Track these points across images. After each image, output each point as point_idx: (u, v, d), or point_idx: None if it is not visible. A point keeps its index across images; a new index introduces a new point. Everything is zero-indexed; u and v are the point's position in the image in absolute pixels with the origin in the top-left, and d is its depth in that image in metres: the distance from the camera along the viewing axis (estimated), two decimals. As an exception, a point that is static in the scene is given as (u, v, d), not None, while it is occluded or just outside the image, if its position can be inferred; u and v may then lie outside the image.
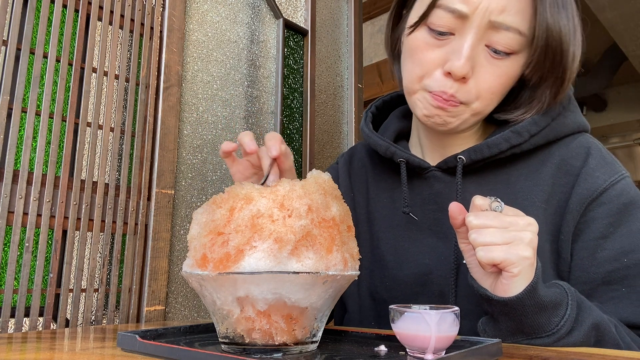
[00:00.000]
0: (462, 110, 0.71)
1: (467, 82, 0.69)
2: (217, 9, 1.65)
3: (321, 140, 1.99)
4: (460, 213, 0.62)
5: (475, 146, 0.75)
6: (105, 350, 0.59)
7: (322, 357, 0.52)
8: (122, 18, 1.37)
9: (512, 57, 0.70)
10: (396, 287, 0.81)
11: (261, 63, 1.78)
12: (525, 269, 0.58)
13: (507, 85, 0.72)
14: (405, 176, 0.80)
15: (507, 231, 0.58)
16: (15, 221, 1.12)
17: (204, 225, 0.54)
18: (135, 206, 1.33)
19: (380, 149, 0.83)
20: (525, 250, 0.57)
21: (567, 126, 0.76)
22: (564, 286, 0.64)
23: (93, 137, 1.27)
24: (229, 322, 0.53)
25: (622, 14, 3.69)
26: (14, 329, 1.11)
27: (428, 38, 0.71)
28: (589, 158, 0.73)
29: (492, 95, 0.71)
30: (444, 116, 0.72)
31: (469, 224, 0.60)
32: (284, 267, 0.50)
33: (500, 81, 0.70)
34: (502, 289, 0.60)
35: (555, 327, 0.60)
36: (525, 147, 0.74)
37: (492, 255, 0.57)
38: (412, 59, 0.74)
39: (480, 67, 0.69)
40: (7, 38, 1.15)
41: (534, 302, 0.59)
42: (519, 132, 0.73)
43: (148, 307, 1.31)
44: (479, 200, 0.62)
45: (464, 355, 0.48)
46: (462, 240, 0.65)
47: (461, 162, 0.75)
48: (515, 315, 0.60)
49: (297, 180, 0.56)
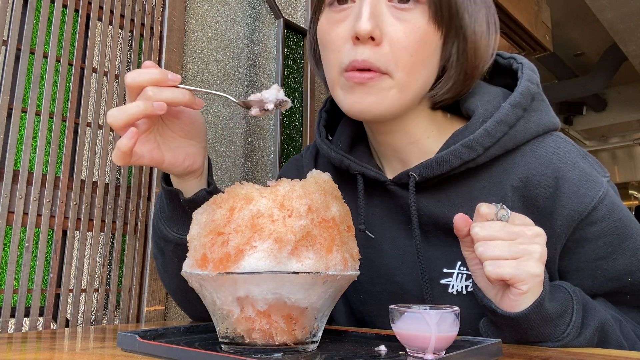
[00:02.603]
0: (386, 85, 0.65)
1: (379, 45, 0.64)
2: (217, 9, 1.65)
3: (321, 140, 1.99)
4: (465, 225, 0.60)
5: (425, 162, 0.69)
6: (105, 350, 0.59)
7: (322, 357, 0.52)
8: (122, 18, 1.37)
9: (416, 6, 0.65)
10: (370, 301, 0.78)
11: (261, 63, 1.78)
12: (535, 285, 0.56)
13: (424, 44, 0.65)
14: (362, 190, 0.75)
15: (516, 244, 0.56)
16: (15, 221, 1.12)
17: (204, 225, 0.54)
18: (135, 206, 1.33)
19: (334, 161, 0.77)
20: (536, 266, 0.56)
21: (529, 131, 0.69)
22: (568, 290, 0.62)
23: (93, 137, 1.27)
24: (229, 322, 0.53)
25: (622, 14, 3.69)
26: (14, 329, 1.11)
27: (331, 16, 0.68)
28: (566, 170, 0.66)
29: (412, 58, 0.64)
30: (367, 97, 0.65)
31: (475, 235, 0.58)
32: (284, 267, 0.50)
33: (414, 37, 0.64)
34: (509, 304, 0.58)
35: (561, 334, 0.59)
36: (480, 160, 0.68)
37: (501, 271, 0.55)
38: (324, 45, 0.70)
39: (389, 26, 0.64)
40: (7, 38, 1.15)
41: (540, 316, 0.58)
42: (471, 146, 0.66)
43: (148, 307, 1.31)
44: (485, 208, 0.59)
45: (464, 355, 0.48)
46: (466, 249, 0.62)
47: (413, 179, 0.70)
48: (520, 328, 0.59)
49: (297, 180, 0.56)
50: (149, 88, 0.59)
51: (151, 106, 0.58)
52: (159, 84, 0.59)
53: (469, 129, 0.69)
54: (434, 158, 0.68)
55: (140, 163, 0.64)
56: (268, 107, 0.62)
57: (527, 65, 0.73)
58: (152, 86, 0.59)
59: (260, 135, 1.73)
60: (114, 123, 0.58)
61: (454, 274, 0.70)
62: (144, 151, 0.63)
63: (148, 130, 0.64)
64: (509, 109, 0.67)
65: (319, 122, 0.84)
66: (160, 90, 0.59)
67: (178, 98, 0.60)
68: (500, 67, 0.78)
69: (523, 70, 0.72)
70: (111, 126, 0.58)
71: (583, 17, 4.51)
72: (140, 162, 0.63)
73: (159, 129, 0.66)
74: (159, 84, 0.59)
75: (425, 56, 0.66)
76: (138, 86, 0.59)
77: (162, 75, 0.59)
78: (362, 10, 0.63)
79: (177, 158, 0.67)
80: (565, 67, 5.62)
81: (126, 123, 0.58)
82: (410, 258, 0.74)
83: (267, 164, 1.74)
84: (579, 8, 4.24)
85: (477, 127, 0.68)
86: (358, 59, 0.64)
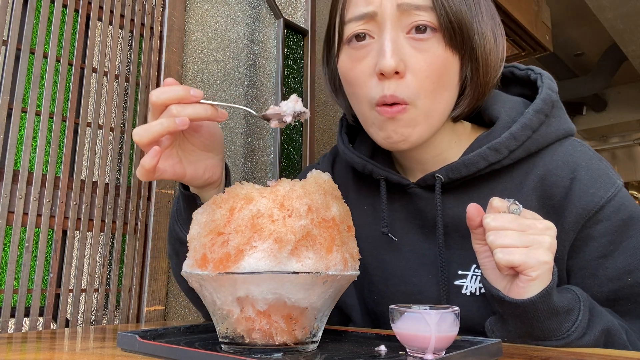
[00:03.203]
0: (413, 115, 0.68)
1: (403, 77, 0.67)
2: (217, 9, 1.65)
3: (321, 140, 1.99)
4: (477, 215, 0.62)
5: (453, 165, 0.72)
6: (105, 350, 0.59)
7: (322, 357, 0.52)
8: (122, 18, 1.37)
9: (434, 35, 0.67)
10: (384, 301, 0.79)
11: (261, 63, 1.78)
12: (544, 273, 0.58)
13: (444, 71, 0.68)
14: (384, 194, 0.78)
15: (526, 234, 0.58)
16: (15, 221, 1.12)
17: (204, 225, 0.54)
18: (135, 206, 1.33)
19: (357, 166, 0.80)
20: (545, 254, 0.57)
21: (549, 135, 0.72)
22: (576, 292, 0.63)
23: (93, 137, 1.27)
24: (229, 322, 0.53)
25: (622, 14, 3.69)
26: (14, 329, 1.11)
27: (352, 53, 0.71)
28: (580, 171, 0.70)
29: (434, 85, 0.68)
30: (399, 129, 0.69)
31: (487, 225, 0.59)
32: (284, 267, 0.50)
33: (435, 66, 0.67)
34: (517, 291, 0.59)
35: (566, 332, 0.60)
36: (505, 162, 0.71)
37: (511, 258, 0.57)
38: (348, 82, 0.73)
39: (410, 58, 0.67)
40: (7, 38, 1.15)
41: (546, 306, 0.59)
42: (497, 149, 0.70)
43: (148, 307, 1.31)
44: (497, 202, 0.61)
45: (464, 355, 0.48)
46: (477, 241, 0.64)
47: (439, 181, 0.73)
48: (526, 318, 0.60)
49: (297, 180, 0.56)
50: (172, 106, 0.60)
51: (174, 123, 0.59)
52: (182, 100, 0.61)
53: (493, 133, 0.73)
54: (461, 160, 0.71)
55: (163, 177, 0.65)
56: (286, 120, 0.63)
57: (545, 75, 0.77)
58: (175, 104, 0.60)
59: (260, 135, 1.73)
60: (139, 141, 0.59)
61: (468, 276, 0.73)
62: (167, 166, 0.65)
63: (171, 145, 0.65)
64: (533, 114, 0.71)
65: (340, 129, 0.87)
66: (183, 107, 0.60)
67: (200, 114, 0.61)
68: (516, 79, 0.82)
69: (543, 79, 0.76)
70: (136, 144, 0.60)
71: (583, 17, 4.51)
72: (163, 177, 0.65)
73: (180, 143, 0.67)
74: (182, 101, 0.61)
75: (446, 81, 0.69)
76: (162, 104, 0.60)
77: (185, 93, 0.61)
78: (384, 47, 0.66)
79: (197, 171, 0.68)
80: (565, 67, 5.62)
81: (150, 141, 0.59)
82: (427, 260, 0.76)
83: (267, 164, 1.74)
84: (579, 8, 4.24)
85: (502, 131, 0.72)
86: (386, 94, 0.67)
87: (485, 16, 0.71)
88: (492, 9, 0.74)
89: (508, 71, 0.83)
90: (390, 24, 0.67)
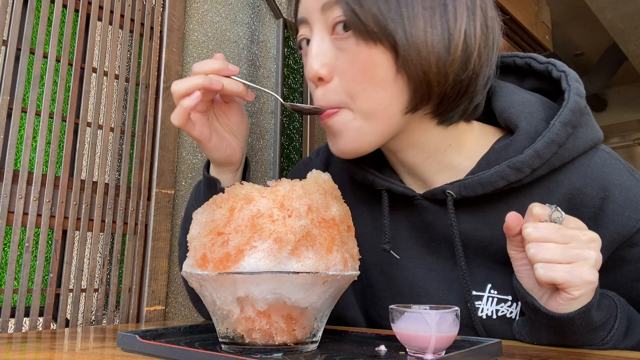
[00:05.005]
0: (347, 118, 0.63)
1: (329, 81, 0.63)
2: (217, 9, 1.65)
3: (321, 140, 1.99)
4: (517, 224, 0.58)
5: (466, 182, 0.65)
6: (105, 350, 0.59)
7: (322, 357, 0.52)
8: (122, 18, 1.37)
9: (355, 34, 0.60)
10: None
11: (261, 63, 1.78)
12: (587, 292, 0.55)
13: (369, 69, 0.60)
14: (387, 207, 0.72)
15: (570, 248, 0.54)
16: (15, 221, 1.12)
17: (204, 225, 0.54)
18: (135, 206, 1.33)
19: (357, 176, 0.75)
20: (590, 273, 0.54)
21: (577, 148, 0.64)
22: (613, 298, 0.61)
23: (93, 137, 1.27)
24: (229, 322, 0.53)
25: (622, 14, 3.69)
26: (14, 329, 1.11)
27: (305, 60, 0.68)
28: (613, 190, 0.63)
29: (364, 86, 0.61)
30: (339, 135, 0.64)
31: (528, 236, 0.56)
32: (284, 267, 0.50)
33: (357, 65, 0.60)
34: (555, 306, 0.56)
35: (601, 341, 0.58)
36: (526, 180, 0.64)
37: (554, 275, 0.54)
38: None
39: (335, 60, 0.62)
40: (7, 38, 1.15)
41: (585, 322, 0.56)
42: (519, 168, 0.62)
43: (148, 307, 1.31)
44: (538, 209, 0.57)
45: (464, 355, 0.48)
46: (513, 248, 0.60)
47: (451, 197, 0.66)
48: (561, 331, 0.58)
49: (297, 180, 0.56)
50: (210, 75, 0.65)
51: (209, 81, 0.64)
52: (220, 72, 0.66)
53: (513, 147, 0.65)
54: (477, 178, 0.64)
55: (190, 131, 0.68)
56: None
57: (571, 75, 0.66)
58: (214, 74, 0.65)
59: (260, 135, 1.73)
60: (177, 91, 0.64)
61: (483, 297, 0.67)
62: (197, 122, 0.68)
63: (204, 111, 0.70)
64: (560, 127, 0.62)
65: None
66: (219, 77, 0.65)
67: (233, 87, 0.66)
68: (534, 71, 0.73)
69: (569, 82, 0.66)
70: (174, 94, 0.65)
71: (583, 17, 4.51)
72: (190, 130, 0.68)
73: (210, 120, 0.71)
74: (220, 73, 0.66)
75: (377, 79, 0.61)
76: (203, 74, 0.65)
77: (223, 65, 0.66)
78: (309, 52, 0.64)
79: (221, 142, 0.72)
80: (565, 67, 5.62)
81: (187, 91, 0.64)
82: (435, 277, 0.71)
83: (267, 164, 1.74)
84: (579, 8, 4.24)
85: (523, 143, 0.64)
86: (317, 101, 0.64)
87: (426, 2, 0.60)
88: None
89: (524, 62, 0.73)
90: (317, 26, 0.63)
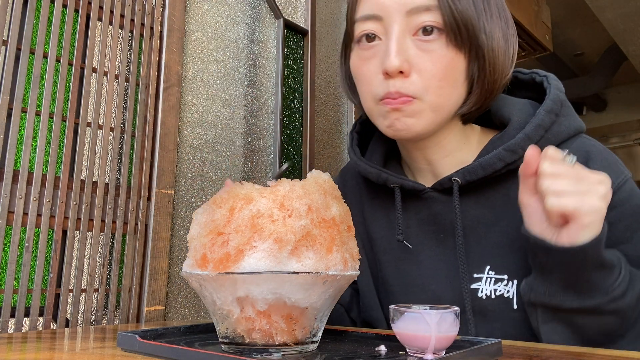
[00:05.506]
0: (418, 107, 0.70)
1: (408, 76, 0.69)
2: (217, 9, 1.65)
3: (321, 140, 1.99)
4: (535, 161, 0.61)
5: (469, 167, 0.73)
6: (105, 350, 0.59)
7: (322, 357, 0.52)
8: (122, 18, 1.37)
9: (439, 36, 0.69)
10: None
11: (261, 63, 1.78)
12: (596, 221, 0.58)
13: (450, 70, 0.70)
14: (399, 202, 0.79)
15: (581, 183, 0.58)
16: (15, 221, 1.12)
17: (204, 225, 0.54)
18: (135, 206, 1.33)
19: (371, 176, 0.82)
20: (600, 201, 0.57)
21: (561, 133, 0.74)
22: (615, 252, 0.64)
23: (93, 137, 1.27)
24: (229, 322, 0.53)
25: (622, 14, 3.69)
26: (14, 329, 1.11)
27: (361, 53, 0.74)
28: (590, 162, 0.72)
29: (440, 82, 0.70)
30: (403, 118, 0.71)
31: (544, 170, 0.59)
32: (284, 267, 0.50)
33: (440, 65, 0.69)
34: (567, 238, 0.59)
35: (609, 287, 0.60)
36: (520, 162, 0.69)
37: (565, 202, 0.57)
38: (357, 79, 0.77)
39: (416, 58, 0.69)
40: (7, 38, 1.15)
41: (595, 256, 0.59)
42: (513, 149, 0.71)
43: (148, 307, 1.31)
44: (552, 150, 0.61)
45: (464, 355, 0.48)
46: (525, 192, 0.63)
47: (457, 183, 0.74)
48: (574, 266, 0.60)
49: (297, 180, 0.56)
50: None
51: None
52: None
53: (507, 135, 0.75)
54: (477, 162, 0.73)
55: None
56: None
57: (551, 76, 0.79)
58: None
59: (260, 135, 1.73)
60: None
61: (482, 278, 0.73)
62: None
63: None
64: (544, 114, 0.72)
65: (351, 143, 0.90)
66: None
67: None
68: (520, 82, 0.84)
69: (549, 80, 0.78)
70: None
71: (583, 17, 4.51)
72: None
73: None
74: None
75: (453, 79, 0.71)
76: None
77: None
78: (390, 48, 0.69)
79: None
80: (565, 67, 5.61)
81: None
82: (443, 265, 0.77)
83: (267, 164, 1.74)
84: (579, 8, 4.24)
85: (515, 132, 0.74)
86: (391, 90, 0.70)
87: (494, 15, 0.72)
88: (504, 10, 0.75)
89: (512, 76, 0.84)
90: (398, 26, 0.70)
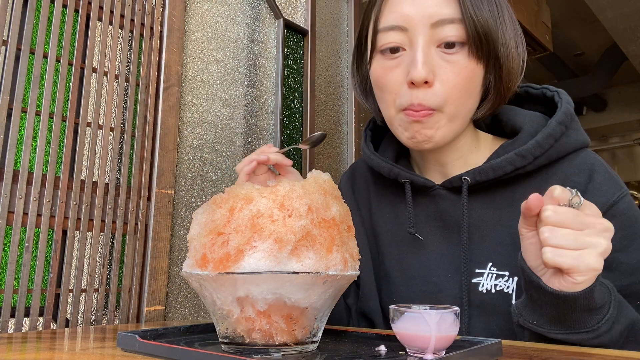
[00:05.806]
0: (437, 119, 0.73)
1: (431, 86, 0.72)
2: (217, 9, 1.65)
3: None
4: (537, 206, 0.60)
5: (480, 168, 0.77)
6: (105, 350, 0.59)
7: (322, 357, 0.53)
8: (122, 18, 1.37)
9: (462, 48, 0.73)
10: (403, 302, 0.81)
11: (261, 63, 1.78)
12: (590, 279, 0.57)
13: (470, 80, 0.74)
14: (410, 196, 0.82)
15: (583, 235, 0.57)
16: (15, 221, 1.12)
17: (204, 225, 0.54)
18: (135, 206, 1.33)
19: (383, 170, 0.85)
20: (596, 261, 0.56)
21: (569, 145, 0.77)
22: (607, 285, 0.63)
23: (93, 137, 1.27)
24: (229, 322, 0.53)
25: (622, 14, 3.69)
26: (14, 329, 1.11)
27: (384, 62, 0.76)
28: (594, 174, 0.75)
29: (460, 93, 0.73)
30: (423, 130, 0.74)
31: (547, 219, 0.58)
32: (284, 267, 0.50)
33: (462, 76, 0.73)
34: (559, 285, 0.59)
35: (596, 324, 0.61)
36: (529, 168, 0.76)
37: (561, 260, 0.56)
38: (379, 88, 0.79)
39: (439, 69, 0.72)
40: (7, 38, 1.15)
41: (586, 302, 0.59)
42: (524, 155, 0.74)
43: (148, 307, 1.31)
44: (559, 192, 0.59)
45: (464, 355, 0.48)
46: (525, 226, 0.63)
47: (466, 183, 0.77)
48: (562, 308, 0.60)
49: (297, 180, 0.56)
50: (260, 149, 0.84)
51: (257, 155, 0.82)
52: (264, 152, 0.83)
53: (519, 141, 0.78)
54: (489, 164, 0.76)
55: None
56: None
57: (562, 92, 0.83)
58: None
59: (260, 135, 1.73)
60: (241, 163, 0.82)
61: (484, 274, 0.76)
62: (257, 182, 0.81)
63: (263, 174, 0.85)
64: (556, 125, 0.76)
65: (365, 139, 0.93)
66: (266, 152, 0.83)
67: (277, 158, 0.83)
68: (531, 97, 0.88)
69: (560, 95, 0.82)
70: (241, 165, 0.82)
71: (583, 17, 4.51)
72: None
73: None
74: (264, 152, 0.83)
75: (472, 89, 0.75)
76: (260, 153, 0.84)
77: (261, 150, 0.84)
78: (416, 59, 0.72)
79: None
80: (565, 67, 5.61)
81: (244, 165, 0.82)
82: (446, 259, 0.80)
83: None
84: (579, 8, 4.23)
85: (527, 139, 0.77)
86: (414, 102, 0.72)
87: (508, 25, 0.76)
88: (513, 18, 0.79)
89: (523, 90, 0.88)
90: (423, 38, 0.72)
